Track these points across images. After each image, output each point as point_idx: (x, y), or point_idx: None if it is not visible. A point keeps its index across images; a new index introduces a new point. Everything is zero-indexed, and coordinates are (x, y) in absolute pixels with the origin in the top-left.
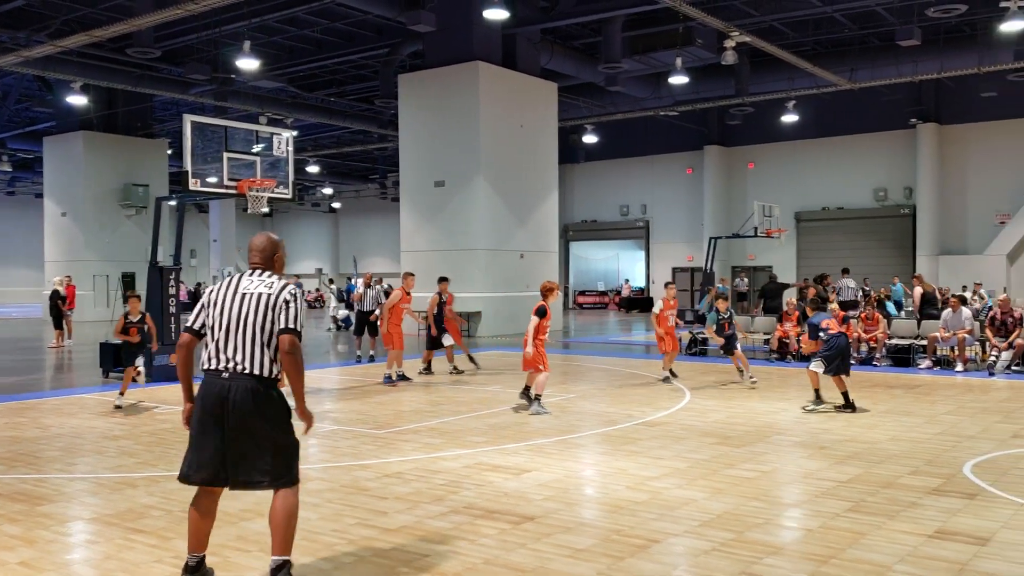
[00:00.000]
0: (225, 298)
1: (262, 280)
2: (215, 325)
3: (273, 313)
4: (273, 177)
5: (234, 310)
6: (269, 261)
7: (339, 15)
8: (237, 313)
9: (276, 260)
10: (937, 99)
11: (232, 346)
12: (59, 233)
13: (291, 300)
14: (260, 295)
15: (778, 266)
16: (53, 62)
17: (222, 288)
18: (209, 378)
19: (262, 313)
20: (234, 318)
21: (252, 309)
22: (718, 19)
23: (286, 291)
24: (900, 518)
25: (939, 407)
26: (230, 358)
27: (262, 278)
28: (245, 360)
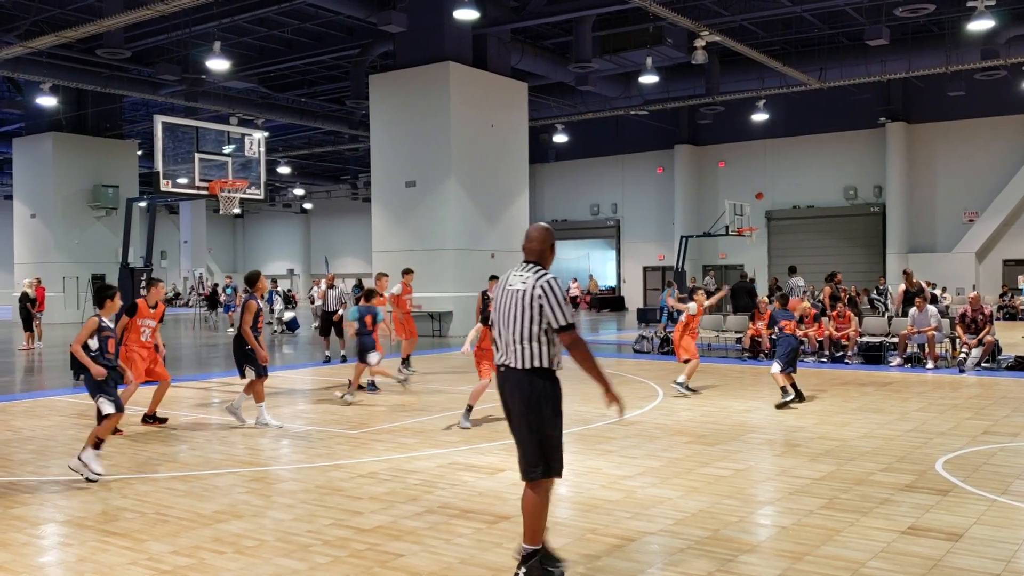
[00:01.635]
0: (499, 296)
1: (521, 276)
2: (495, 322)
3: (531, 310)
4: (245, 178)
5: (502, 307)
6: (540, 253)
7: (310, 15)
8: (504, 310)
9: (549, 251)
10: (905, 98)
11: (503, 342)
12: (28, 235)
13: (545, 295)
14: (520, 291)
15: (749, 265)
16: (22, 63)
17: (499, 286)
18: (497, 372)
19: (520, 309)
20: (502, 315)
21: (514, 306)
22: (688, 19)
23: (538, 287)
24: (873, 515)
25: (910, 404)
26: (506, 354)
27: (524, 273)
28: (512, 355)
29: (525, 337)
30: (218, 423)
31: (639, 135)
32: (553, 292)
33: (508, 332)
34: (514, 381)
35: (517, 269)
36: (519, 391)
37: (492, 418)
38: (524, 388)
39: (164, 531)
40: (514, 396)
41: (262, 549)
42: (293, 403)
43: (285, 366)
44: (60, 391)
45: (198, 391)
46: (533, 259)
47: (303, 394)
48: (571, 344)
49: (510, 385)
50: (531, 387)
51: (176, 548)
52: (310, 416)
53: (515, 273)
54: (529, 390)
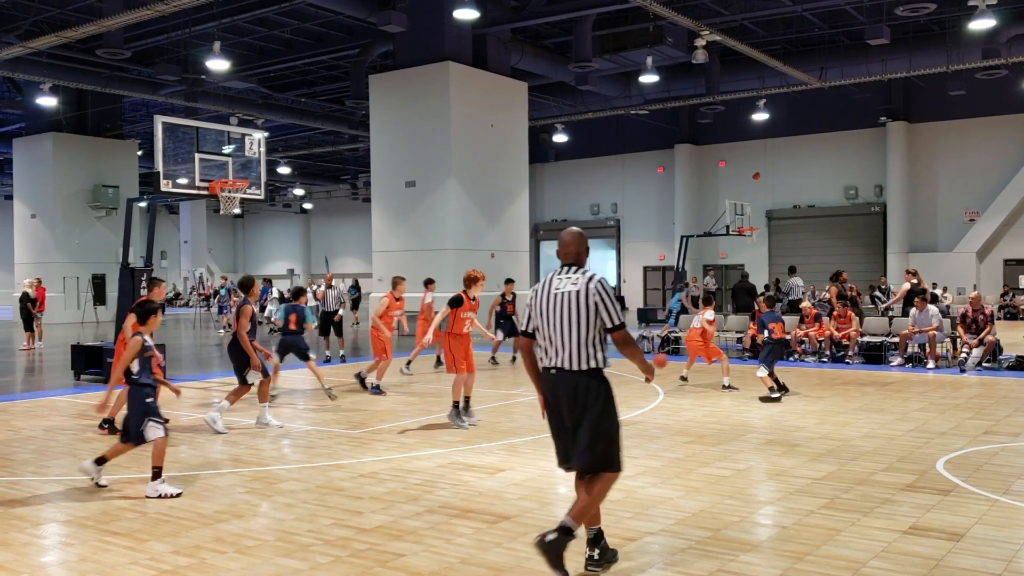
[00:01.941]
0: (543, 300)
1: (570, 278)
2: (542, 326)
3: (587, 311)
4: (245, 178)
5: (553, 310)
6: (578, 256)
7: (309, 16)
8: (555, 313)
9: (585, 254)
10: (906, 97)
11: (558, 344)
12: (29, 235)
13: (599, 295)
14: (571, 293)
15: (750, 264)
16: (22, 63)
17: (540, 290)
18: (545, 375)
19: (575, 311)
20: (556, 318)
21: (566, 308)
22: (688, 18)
23: (592, 288)
24: (874, 514)
25: (911, 404)
26: (558, 356)
27: (570, 276)
28: (568, 357)
29: (582, 339)
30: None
31: (639, 135)
32: (606, 292)
33: (562, 335)
34: (572, 383)
35: (559, 273)
36: (579, 392)
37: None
38: (584, 389)
39: (165, 531)
40: (573, 397)
41: (263, 549)
42: (293, 403)
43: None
44: (61, 391)
45: (198, 391)
46: (571, 261)
47: (303, 394)
48: (624, 342)
49: (566, 387)
50: (591, 388)
51: (177, 548)
52: (310, 416)
53: (559, 276)
54: (590, 391)
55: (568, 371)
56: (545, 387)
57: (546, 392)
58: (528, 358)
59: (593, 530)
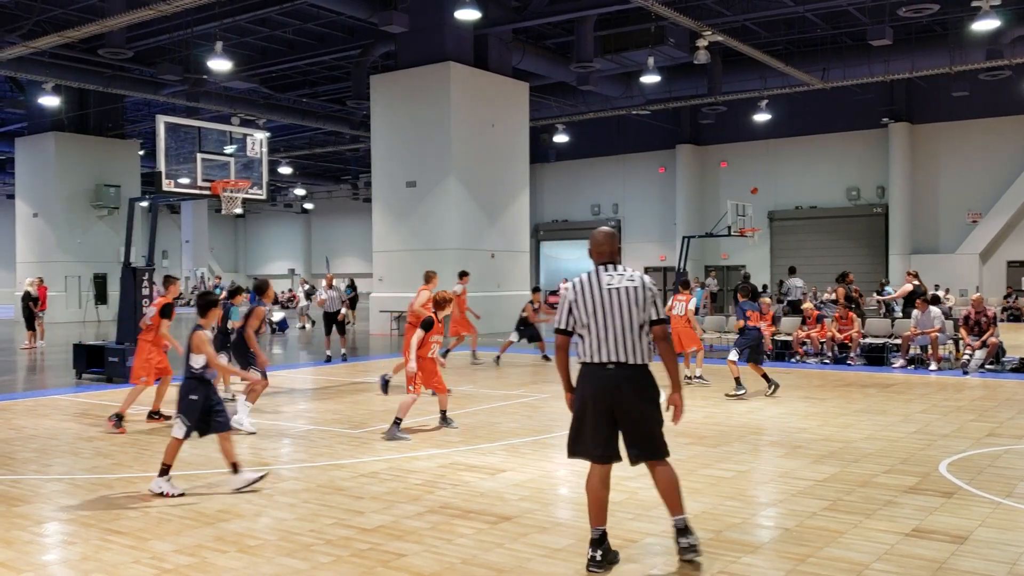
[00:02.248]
0: (593, 296)
1: (622, 275)
2: (592, 321)
3: (644, 305)
4: (247, 178)
5: (608, 305)
6: (612, 254)
7: (311, 16)
8: (612, 308)
9: (618, 253)
10: (909, 98)
11: (615, 339)
12: (31, 234)
13: (652, 291)
14: (628, 289)
15: (751, 265)
16: (25, 63)
17: (585, 288)
18: (595, 370)
19: (632, 305)
20: (612, 313)
21: (624, 302)
22: (690, 18)
23: (647, 283)
24: (877, 516)
25: (913, 406)
26: (615, 350)
27: (621, 273)
28: (626, 352)
29: (639, 334)
30: None
31: (641, 135)
32: (655, 288)
33: (622, 330)
34: (631, 377)
35: (606, 270)
36: (638, 385)
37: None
38: (642, 382)
39: (167, 530)
40: (633, 391)
41: (264, 548)
42: (294, 403)
43: (286, 365)
44: (62, 390)
45: None
46: (607, 260)
47: (304, 394)
48: (664, 337)
49: (625, 381)
50: (647, 381)
51: (178, 547)
52: (311, 415)
53: (607, 273)
54: (646, 384)
55: (629, 364)
56: (594, 382)
57: (593, 387)
58: (565, 355)
59: (599, 531)
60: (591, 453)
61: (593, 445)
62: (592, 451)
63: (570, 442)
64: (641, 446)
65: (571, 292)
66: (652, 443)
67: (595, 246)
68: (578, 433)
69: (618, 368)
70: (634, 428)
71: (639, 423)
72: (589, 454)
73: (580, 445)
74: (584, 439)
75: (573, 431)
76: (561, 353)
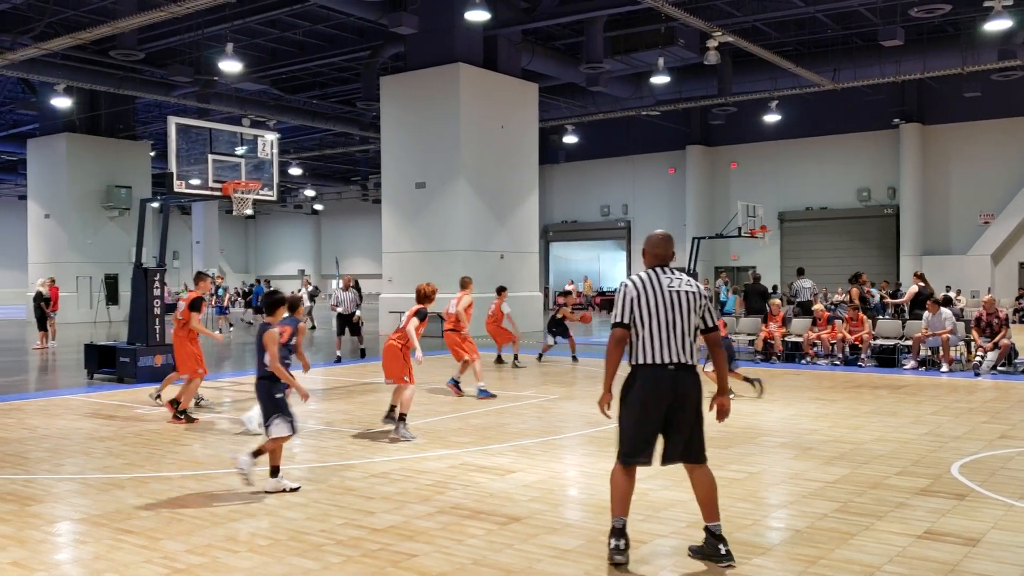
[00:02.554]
0: (654, 297)
1: (680, 279)
2: (652, 321)
3: (700, 310)
4: (258, 179)
5: (670, 307)
6: (666, 258)
7: (321, 17)
8: (675, 310)
9: (672, 256)
10: (920, 99)
11: (676, 340)
12: (42, 235)
13: (708, 299)
14: (689, 293)
15: (762, 266)
16: (37, 64)
17: (647, 287)
18: (654, 371)
19: (692, 310)
20: (674, 315)
21: (686, 306)
22: (700, 19)
23: (702, 291)
24: (888, 519)
25: (925, 407)
26: (677, 352)
27: (680, 277)
28: (685, 354)
29: (692, 336)
30: (230, 422)
31: (650, 136)
32: (708, 295)
33: (681, 332)
34: (690, 378)
35: (664, 273)
36: (695, 387)
37: (503, 420)
38: (698, 385)
39: (178, 530)
40: (690, 391)
41: (275, 548)
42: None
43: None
44: (74, 390)
45: (210, 391)
46: (662, 263)
47: (314, 394)
48: (718, 344)
49: (684, 381)
50: (699, 384)
51: (190, 547)
52: (322, 416)
53: (666, 275)
54: (699, 387)
55: (688, 366)
56: (653, 382)
57: (653, 387)
58: (622, 349)
59: (622, 520)
60: (646, 458)
61: (647, 448)
62: (647, 455)
63: (628, 447)
64: (688, 447)
65: (632, 289)
66: (700, 445)
67: (651, 247)
68: (636, 438)
69: (678, 369)
70: (687, 429)
71: (694, 425)
72: (646, 460)
73: (639, 453)
74: (641, 444)
75: (631, 436)
76: (619, 347)
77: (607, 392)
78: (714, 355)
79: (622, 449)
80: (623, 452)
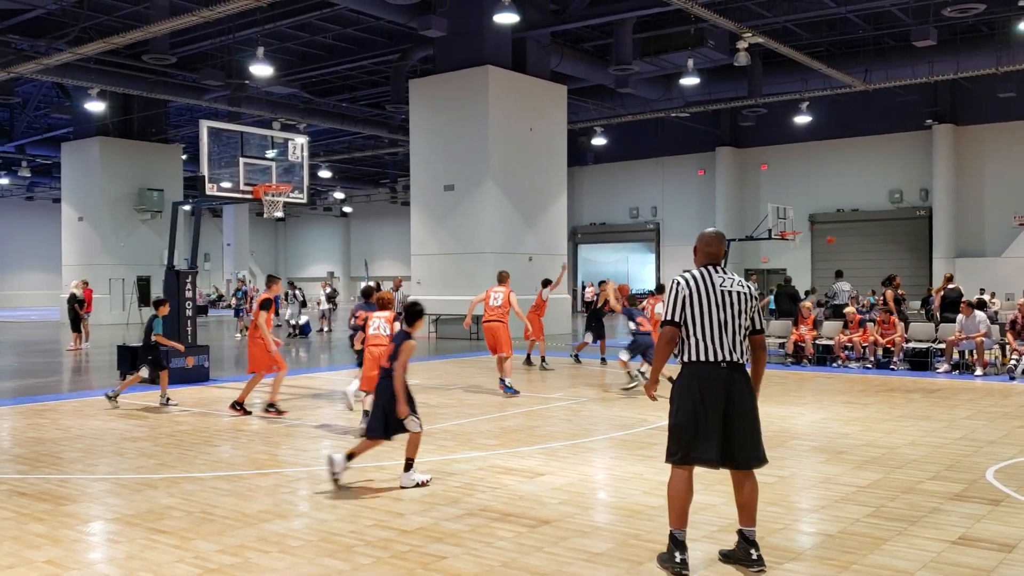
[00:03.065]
0: (708, 295)
1: (732, 279)
2: (705, 320)
3: (750, 311)
4: (288, 182)
5: (723, 306)
6: (721, 256)
7: (351, 21)
8: (728, 309)
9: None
10: (953, 100)
11: (729, 339)
12: (76, 237)
13: (757, 301)
14: (741, 294)
15: (792, 269)
16: (71, 69)
17: (700, 285)
18: (707, 369)
19: (744, 310)
20: (727, 314)
21: (738, 306)
22: (730, 20)
23: (753, 292)
24: (922, 524)
25: (959, 411)
26: (730, 350)
27: (732, 276)
28: (737, 352)
29: (743, 336)
30: (260, 423)
31: (680, 137)
32: (758, 297)
33: (732, 331)
34: (743, 379)
35: (716, 272)
36: (747, 387)
37: (531, 422)
38: (750, 384)
39: (210, 530)
40: (744, 392)
41: (306, 549)
42: (334, 404)
43: (329, 367)
44: (107, 391)
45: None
46: (713, 261)
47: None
48: (763, 346)
49: (739, 382)
50: (750, 384)
51: (222, 547)
52: (351, 417)
53: (718, 275)
54: (751, 385)
55: (740, 365)
56: (706, 380)
57: (706, 385)
58: (670, 349)
59: (683, 533)
60: (709, 459)
61: (709, 449)
62: (710, 456)
63: (684, 447)
64: (750, 450)
65: (684, 287)
66: (760, 447)
67: (704, 245)
68: (694, 436)
69: (731, 367)
70: (747, 429)
71: (753, 425)
72: (708, 460)
73: (697, 451)
74: (701, 443)
75: (687, 435)
76: (669, 346)
77: (654, 382)
78: (756, 357)
79: (675, 448)
80: (676, 451)
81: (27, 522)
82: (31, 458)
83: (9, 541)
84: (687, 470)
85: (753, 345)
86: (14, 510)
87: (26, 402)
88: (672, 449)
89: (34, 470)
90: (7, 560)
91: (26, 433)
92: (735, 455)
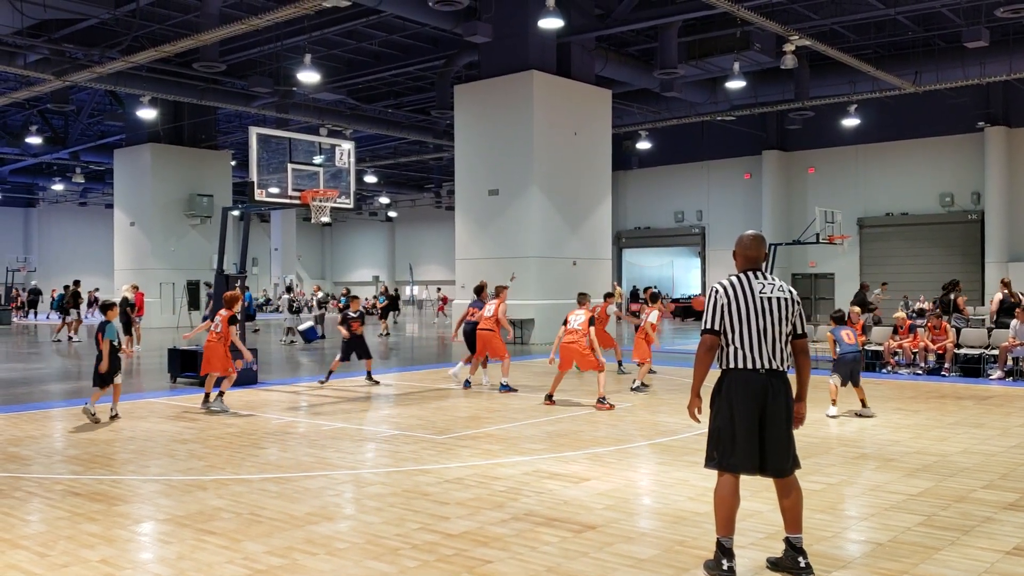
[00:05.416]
0: (748, 302)
1: (772, 284)
2: (744, 327)
3: (793, 317)
4: (335, 187)
5: (762, 313)
6: (761, 260)
7: (397, 28)
8: (767, 316)
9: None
10: (1006, 101)
11: (768, 346)
12: (128, 242)
13: (800, 305)
14: (781, 299)
15: (840, 274)
16: (124, 77)
17: (739, 292)
18: (747, 376)
19: (785, 316)
20: (766, 321)
21: (778, 313)
22: (777, 23)
23: (795, 297)
24: (975, 533)
25: (1013, 419)
26: (768, 357)
27: (772, 282)
28: (777, 359)
29: (784, 342)
30: (306, 427)
31: (725, 141)
32: (800, 302)
33: (773, 338)
34: (784, 385)
35: (756, 277)
36: (787, 394)
37: (576, 427)
38: (790, 392)
39: (258, 531)
40: (780, 399)
41: (353, 551)
42: (378, 408)
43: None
44: (159, 393)
45: (288, 395)
46: (755, 265)
47: (387, 399)
48: (805, 351)
49: (779, 389)
50: (791, 391)
51: (270, 548)
52: (395, 420)
53: (757, 280)
54: (791, 394)
55: (781, 372)
56: (746, 388)
57: (746, 392)
58: (710, 357)
59: (731, 540)
60: (746, 466)
61: (746, 456)
62: (747, 463)
63: (721, 454)
64: (784, 457)
65: (723, 295)
66: (789, 457)
67: (743, 250)
68: (732, 444)
69: (770, 375)
70: (783, 437)
71: (786, 434)
72: (744, 467)
73: (735, 457)
74: (738, 451)
75: (724, 442)
76: (709, 354)
77: (696, 396)
78: (800, 363)
79: (714, 455)
80: (717, 458)
81: (81, 522)
82: (85, 459)
83: (64, 540)
84: (733, 476)
85: (795, 350)
86: (69, 510)
87: (80, 404)
88: (711, 454)
89: (88, 471)
90: (62, 559)
91: (80, 435)
92: (766, 463)
